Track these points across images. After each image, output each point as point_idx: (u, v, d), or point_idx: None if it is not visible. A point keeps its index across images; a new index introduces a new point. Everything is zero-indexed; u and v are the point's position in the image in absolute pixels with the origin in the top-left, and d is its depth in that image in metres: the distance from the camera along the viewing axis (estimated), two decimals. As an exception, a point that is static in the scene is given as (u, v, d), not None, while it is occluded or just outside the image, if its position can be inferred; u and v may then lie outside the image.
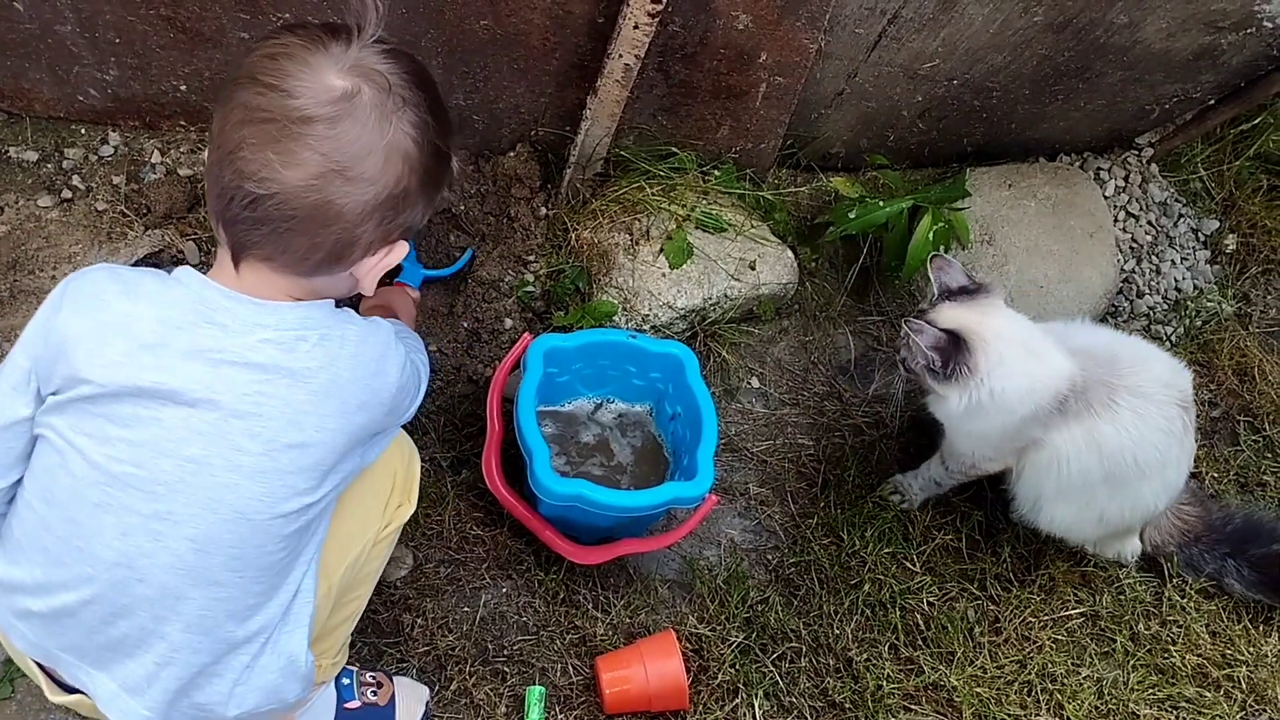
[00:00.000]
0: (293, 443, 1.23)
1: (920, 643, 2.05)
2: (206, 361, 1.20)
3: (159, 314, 1.21)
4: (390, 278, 2.12)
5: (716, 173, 2.39)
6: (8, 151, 2.08)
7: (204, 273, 1.27)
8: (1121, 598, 2.16)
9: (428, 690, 1.79)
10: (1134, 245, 2.73)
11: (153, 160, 2.11)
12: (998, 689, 2.00)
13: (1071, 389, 1.86)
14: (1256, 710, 2.07)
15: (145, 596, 1.22)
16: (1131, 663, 2.08)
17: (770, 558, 2.14)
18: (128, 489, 1.20)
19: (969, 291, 1.88)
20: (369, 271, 1.31)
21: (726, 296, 2.27)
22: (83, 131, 2.13)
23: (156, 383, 1.19)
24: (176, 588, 1.22)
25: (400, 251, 1.32)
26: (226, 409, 1.20)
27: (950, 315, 1.85)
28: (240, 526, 1.22)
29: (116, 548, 1.21)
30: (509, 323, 2.19)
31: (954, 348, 1.80)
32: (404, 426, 1.53)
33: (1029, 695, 2.01)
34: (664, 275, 2.21)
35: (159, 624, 1.23)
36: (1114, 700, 2.02)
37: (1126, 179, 2.79)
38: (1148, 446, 1.91)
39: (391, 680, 1.75)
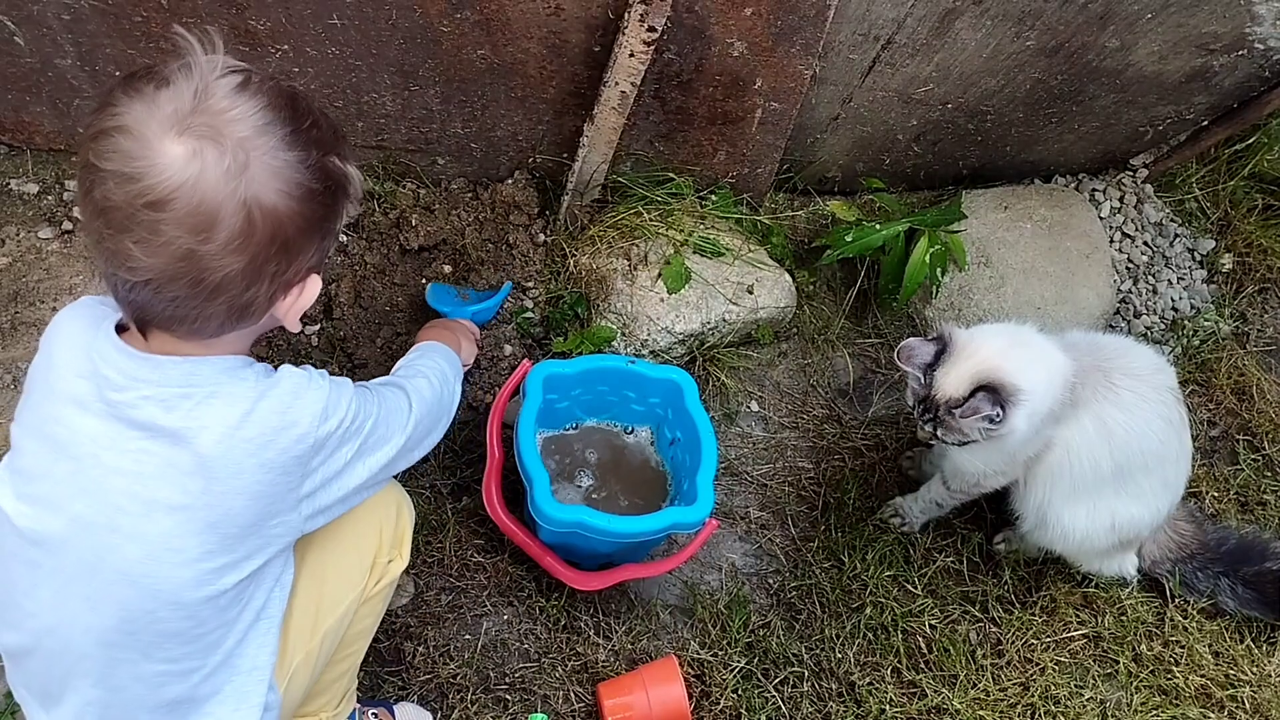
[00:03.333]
0: (175, 505, 1.15)
1: (923, 665, 2.05)
2: (95, 414, 1.15)
3: (68, 359, 1.19)
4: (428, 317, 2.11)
5: (713, 198, 2.40)
6: (9, 184, 2.10)
7: None
8: (1123, 618, 2.15)
9: (430, 716, 1.79)
10: (1130, 266, 2.74)
11: (153, 191, 2.12)
12: (1001, 712, 2.00)
13: (1076, 377, 1.87)
14: (1261, 731, 2.06)
15: (56, 649, 1.21)
16: (1135, 684, 2.07)
17: (771, 581, 2.14)
18: (33, 545, 1.18)
19: (939, 353, 1.87)
20: (286, 314, 1.23)
21: (725, 321, 2.28)
22: (83, 163, 2.14)
23: (53, 433, 1.17)
24: (79, 644, 1.19)
25: (314, 288, 1.23)
26: (108, 466, 1.15)
27: (954, 380, 1.82)
28: (125, 589, 1.16)
29: (31, 598, 1.20)
30: (508, 349, 2.19)
31: (990, 394, 1.80)
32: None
33: (1032, 718, 2.00)
34: (662, 300, 2.22)
35: (71, 676, 1.21)
36: (1118, 722, 2.02)
37: (1122, 200, 2.81)
38: (1150, 434, 1.92)
39: (393, 713, 1.75)
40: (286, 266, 1.16)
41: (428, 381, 1.54)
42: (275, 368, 1.24)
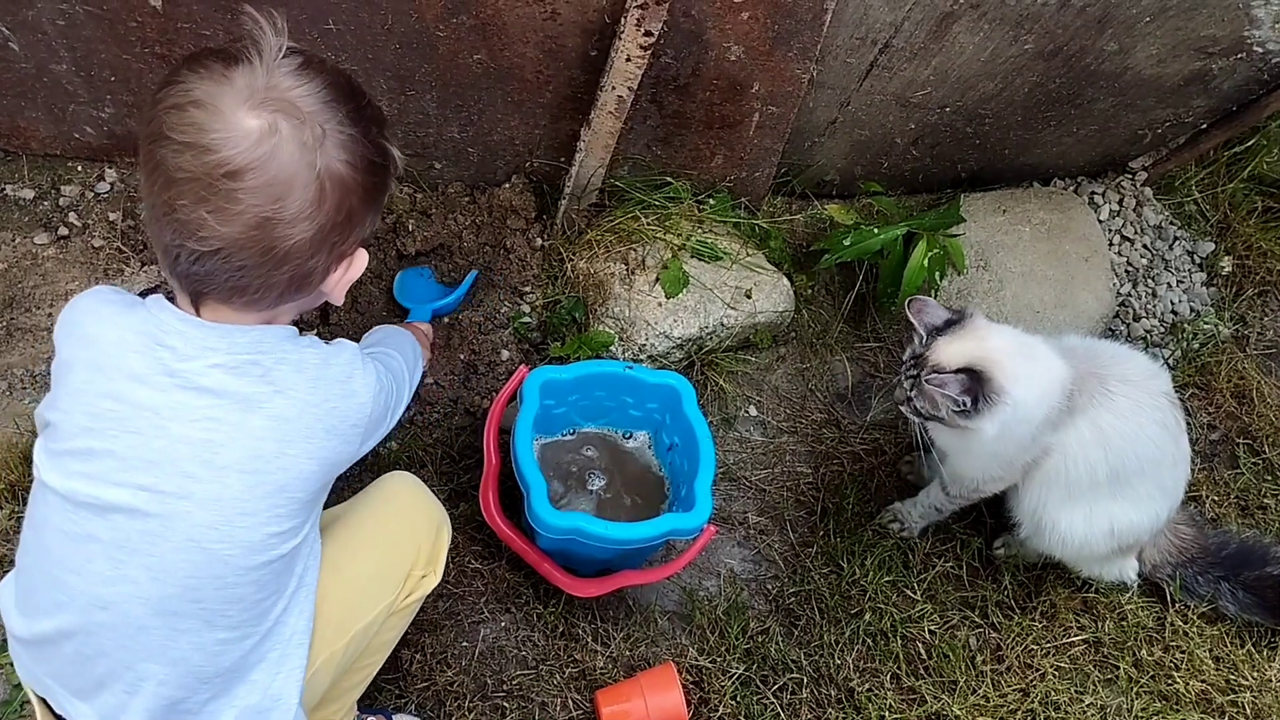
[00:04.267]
0: (247, 470, 1.19)
1: (922, 672, 2.04)
2: (155, 386, 1.17)
3: (116, 337, 1.20)
4: (399, 318, 2.13)
5: (711, 202, 2.40)
6: (4, 189, 2.09)
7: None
8: (1124, 624, 2.14)
9: (426, 725, 1.79)
10: (1129, 269, 2.73)
11: (149, 197, 2.12)
12: (1001, 718, 1.99)
13: (1074, 384, 1.87)
14: (1262, 736, 2.06)
15: (109, 624, 1.20)
16: (1135, 689, 2.06)
17: (770, 587, 2.13)
18: (90, 518, 1.18)
19: (953, 323, 1.88)
20: (335, 287, 1.29)
21: (723, 325, 2.27)
22: (79, 169, 2.14)
23: (108, 410, 1.17)
24: (138, 617, 1.20)
25: (361, 262, 1.29)
26: (175, 435, 1.17)
27: (951, 352, 1.84)
28: (195, 555, 1.18)
29: (82, 575, 1.20)
30: (505, 354, 2.19)
31: (974, 381, 1.80)
32: (408, 470, 1.50)
33: (1032, 724, 2.00)
34: (660, 305, 2.21)
35: (124, 652, 1.21)
36: (1118, 728, 2.01)
37: (1121, 203, 2.80)
38: (1146, 440, 1.92)
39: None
40: (346, 237, 1.23)
41: (401, 355, 1.60)
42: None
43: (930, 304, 1.91)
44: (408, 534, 1.51)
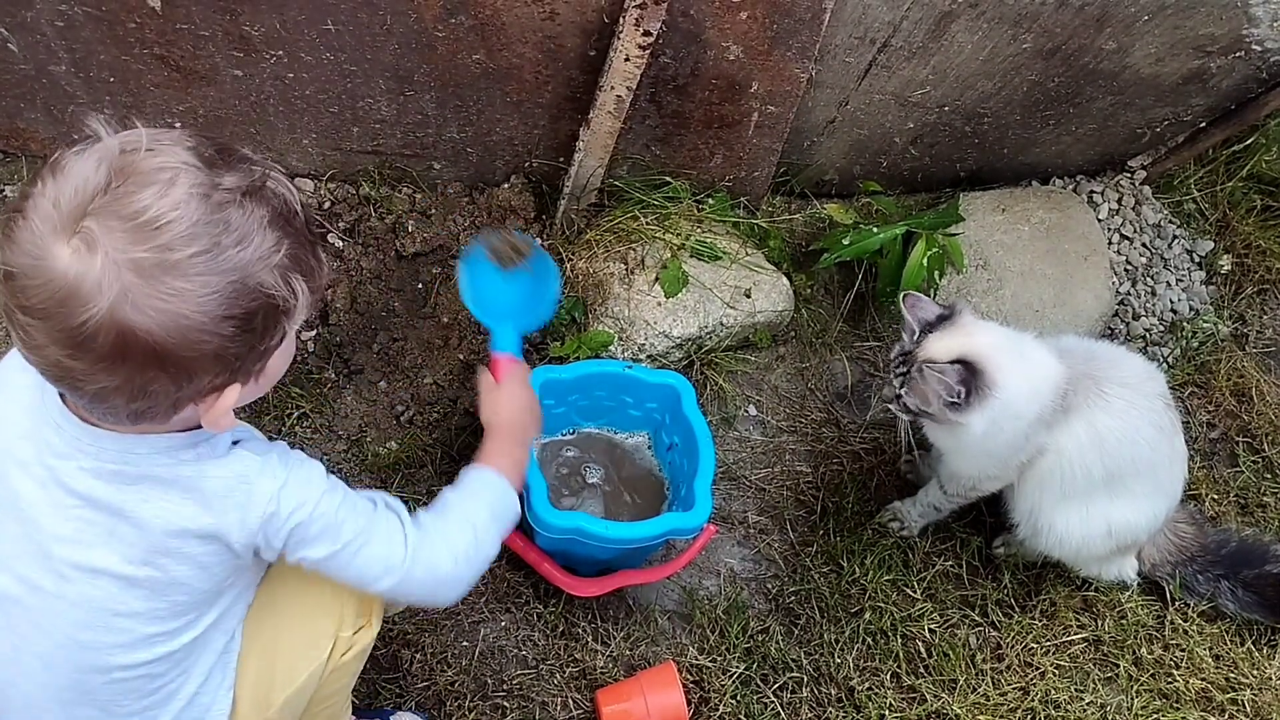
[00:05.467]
0: (120, 574, 1.12)
1: (922, 670, 2.04)
2: (35, 479, 1.12)
3: (14, 416, 1.14)
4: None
5: (710, 201, 2.40)
6: (3, 190, 2.09)
7: None
8: (1123, 622, 2.14)
9: (427, 721, 1.79)
10: (1129, 268, 2.73)
11: (148, 198, 2.11)
12: (1001, 716, 1.99)
13: (1069, 384, 1.87)
14: (1262, 734, 2.06)
15: (16, 702, 1.20)
16: (1135, 688, 2.06)
17: (770, 586, 2.13)
18: None
19: (944, 319, 1.88)
20: (204, 417, 1.10)
21: (722, 325, 2.27)
22: (78, 170, 2.13)
23: None
24: (37, 700, 1.19)
25: (231, 396, 1.08)
26: (49, 532, 1.12)
27: (942, 347, 1.84)
28: (74, 653, 1.15)
29: None
30: (505, 354, 2.19)
31: (969, 373, 1.80)
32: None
33: (1033, 722, 2.00)
34: (659, 304, 2.21)
35: None
36: (1118, 726, 2.01)
37: (1120, 202, 2.80)
38: (1141, 441, 1.92)
39: (389, 720, 1.74)
40: (180, 387, 1.03)
41: (449, 534, 1.36)
42: (234, 445, 1.17)
43: (924, 300, 1.92)
44: (327, 595, 1.35)
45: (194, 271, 0.96)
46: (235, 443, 1.18)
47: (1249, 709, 2.06)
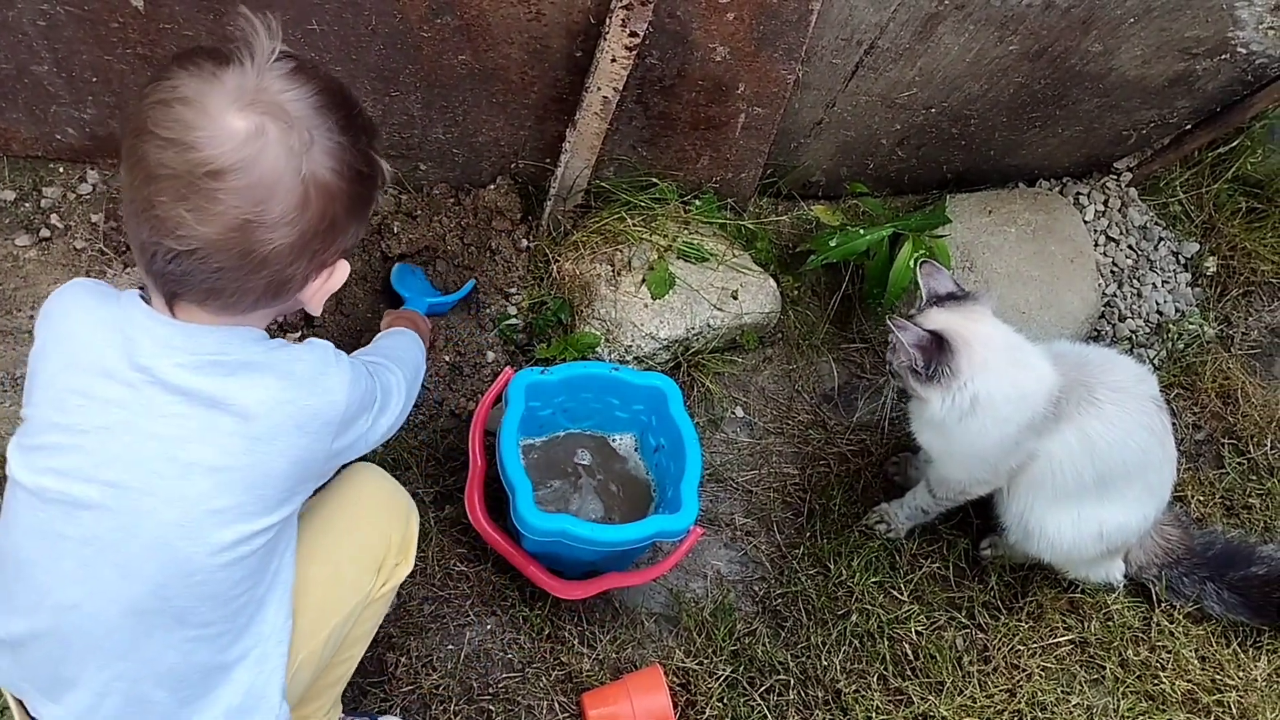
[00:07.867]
0: (214, 466, 1.17)
1: (909, 673, 2.04)
2: (124, 382, 1.16)
3: (89, 331, 1.19)
4: (395, 305, 2.12)
5: (697, 203, 2.39)
6: (-13, 191, 2.08)
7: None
8: (1110, 624, 2.15)
9: (412, 729, 1.78)
10: (1115, 269, 2.74)
11: (131, 198, 2.10)
12: (987, 718, 1.99)
13: (1061, 393, 1.87)
14: (1247, 735, 2.06)
15: (79, 625, 1.19)
16: (1121, 690, 2.07)
17: (757, 589, 2.12)
18: (59, 516, 1.17)
19: (957, 298, 1.89)
20: (313, 296, 1.26)
21: (709, 326, 2.27)
22: (61, 170, 2.12)
23: (77, 405, 1.16)
24: (108, 617, 1.18)
25: (342, 272, 1.27)
26: (142, 431, 1.16)
27: (937, 318, 1.86)
28: (162, 554, 1.17)
29: (52, 574, 1.19)
30: (491, 356, 2.18)
31: (937, 349, 1.81)
32: (393, 472, 1.50)
33: (1019, 724, 2.00)
34: (646, 306, 2.20)
35: (95, 652, 1.20)
36: (1104, 728, 2.02)
37: (1106, 204, 2.81)
38: (1133, 446, 1.93)
39: (376, 723, 1.74)
40: (328, 245, 1.20)
41: (402, 356, 1.61)
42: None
43: (943, 272, 1.93)
44: (379, 524, 1.50)
45: (346, 130, 1.18)
46: None
47: (1235, 710, 2.07)
